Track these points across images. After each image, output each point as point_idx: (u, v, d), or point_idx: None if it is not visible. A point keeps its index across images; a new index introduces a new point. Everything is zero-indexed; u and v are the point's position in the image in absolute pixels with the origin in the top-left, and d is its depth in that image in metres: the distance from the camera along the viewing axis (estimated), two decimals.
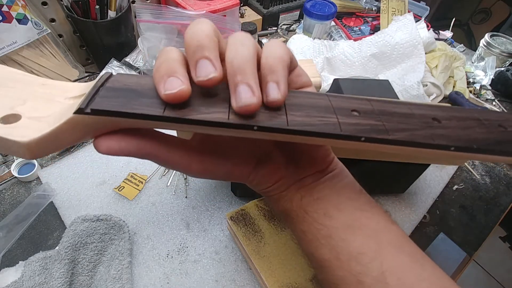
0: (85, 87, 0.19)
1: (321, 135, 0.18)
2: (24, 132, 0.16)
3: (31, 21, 0.58)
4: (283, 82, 0.18)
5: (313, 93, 0.21)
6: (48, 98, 0.18)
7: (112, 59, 0.69)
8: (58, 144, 0.17)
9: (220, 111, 0.17)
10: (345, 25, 0.87)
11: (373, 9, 0.91)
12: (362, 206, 0.24)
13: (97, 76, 0.68)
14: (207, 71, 0.17)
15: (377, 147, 0.19)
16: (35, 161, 0.54)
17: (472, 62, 0.87)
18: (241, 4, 0.88)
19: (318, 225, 0.23)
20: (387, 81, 0.52)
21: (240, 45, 0.18)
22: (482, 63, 0.83)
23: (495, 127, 0.20)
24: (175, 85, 0.16)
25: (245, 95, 0.16)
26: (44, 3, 0.63)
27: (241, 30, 0.74)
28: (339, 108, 0.19)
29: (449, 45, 0.82)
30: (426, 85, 0.70)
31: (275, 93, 0.17)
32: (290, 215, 0.25)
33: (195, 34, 0.17)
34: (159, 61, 0.18)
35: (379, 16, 0.83)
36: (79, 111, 0.16)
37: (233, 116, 0.17)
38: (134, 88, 0.18)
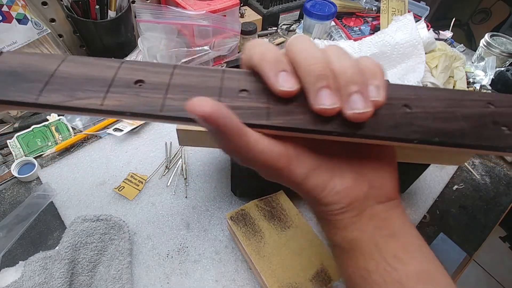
0: None
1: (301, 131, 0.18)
2: None
3: (31, 21, 0.58)
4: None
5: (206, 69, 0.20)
6: None
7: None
8: None
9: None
10: (345, 25, 0.87)
11: (373, 9, 0.91)
12: (427, 250, 0.22)
13: None
14: (331, 101, 0.18)
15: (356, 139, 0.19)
16: (35, 161, 0.54)
17: (472, 62, 0.87)
18: (241, 4, 0.88)
19: (388, 266, 0.20)
20: (387, 81, 0.52)
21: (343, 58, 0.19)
22: (482, 63, 0.83)
23: (398, 108, 0.20)
24: (290, 83, 0.18)
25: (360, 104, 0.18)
26: (44, 3, 0.63)
27: (241, 30, 0.74)
28: (227, 88, 0.19)
29: (449, 45, 0.82)
30: (426, 85, 0.69)
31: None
32: (357, 249, 0.21)
33: (314, 60, 0.18)
34: (262, 48, 0.19)
35: (379, 16, 0.83)
36: None
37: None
38: (17, 70, 0.17)
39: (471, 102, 0.21)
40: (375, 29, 0.84)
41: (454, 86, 0.76)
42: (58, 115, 0.62)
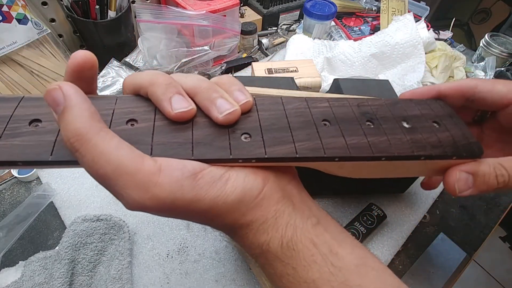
0: None
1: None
2: None
3: (31, 21, 0.58)
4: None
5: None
6: None
7: (112, 59, 0.69)
8: None
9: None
10: (345, 25, 0.87)
11: (373, 9, 0.91)
12: (347, 234, 0.20)
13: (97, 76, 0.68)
14: (186, 104, 0.19)
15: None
16: None
17: (472, 62, 0.87)
18: (241, 4, 0.88)
19: (331, 267, 0.18)
20: (387, 81, 0.52)
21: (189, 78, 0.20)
22: (482, 63, 0.83)
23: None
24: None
25: (225, 106, 0.19)
26: (44, 3, 0.63)
27: (241, 30, 0.74)
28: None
29: (449, 45, 0.82)
30: (426, 85, 0.69)
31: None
32: (296, 253, 0.18)
33: (161, 76, 0.19)
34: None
35: (379, 16, 0.83)
36: None
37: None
38: None
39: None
40: (375, 29, 0.84)
41: None
42: None
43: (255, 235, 0.19)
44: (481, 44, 0.86)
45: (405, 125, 0.22)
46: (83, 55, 0.18)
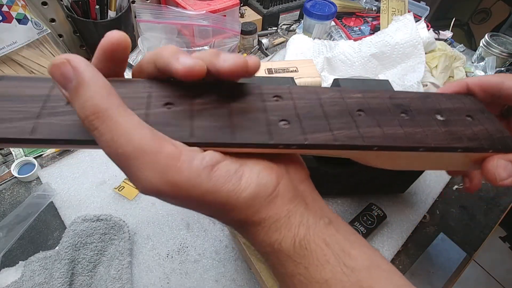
0: None
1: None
2: None
3: (31, 21, 0.58)
4: None
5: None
6: None
7: None
8: None
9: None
10: (345, 25, 0.87)
11: (373, 9, 0.91)
12: (358, 235, 0.20)
13: None
14: (192, 61, 0.18)
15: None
16: (35, 161, 0.54)
17: (472, 62, 0.87)
18: (241, 4, 0.88)
19: (344, 267, 0.18)
20: (387, 81, 0.52)
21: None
22: (482, 63, 0.83)
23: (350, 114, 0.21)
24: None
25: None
26: (44, 3, 0.63)
27: (241, 30, 0.74)
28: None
29: (449, 45, 0.82)
30: (426, 85, 0.69)
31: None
32: (308, 253, 0.18)
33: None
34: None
35: (379, 16, 0.83)
36: None
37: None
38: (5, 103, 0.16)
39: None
40: (375, 29, 0.84)
41: None
42: None
43: (267, 233, 0.18)
44: (481, 44, 0.86)
45: (439, 117, 0.22)
46: (118, 36, 0.17)
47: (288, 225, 0.18)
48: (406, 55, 0.70)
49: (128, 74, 0.19)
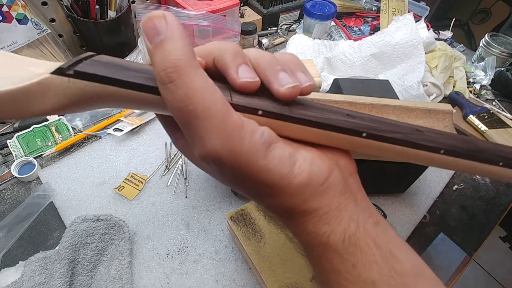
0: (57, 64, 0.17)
1: (323, 126, 0.18)
2: None
3: (31, 21, 0.58)
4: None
5: (308, 100, 0.22)
6: (11, 65, 0.16)
7: None
8: (26, 107, 0.14)
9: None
10: (345, 25, 0.87)
11: (373, 9, 0.92)
12: (401, 239, 0.19)
13: None
14: (251, 75, 0.18)
15: (375, 144, 0.19)
16: (35, 161, 0.54)
17: (472, 62, 0.87)
18: (241, 4, 0.88)
19: (391, 270, 0.17)
20: (387, 81, 0.52)
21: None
22: (482, 63, 0.83)
23: (467, 142, 0.21)
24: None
25: (287, 80, 0.18)
26: (44, 3, 0.63)
27: (241, 30, 0.74)
28: (334, 111, 0.20)
29: (449, 45, 0.82)
30: (426, 85, 0.70)
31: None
32: (356, 250, 0.17)
33: (228, 45, 0.18)
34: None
35: (379, 16, 0.83)
36: (58, 71, 0.14)
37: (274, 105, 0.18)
38: (122, 64, 0.16)
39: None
40: (375, 29, 0.84)
41: (454, 86, 0.77)
42: (58, 115, 0.62)
43: (316, 224, 0.18)
44: (481, 44, 0.86)
45: None
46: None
47: (339, 218, 0.18)
48: (406, 55, 0.70)
49: None
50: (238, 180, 0.17)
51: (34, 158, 0.55)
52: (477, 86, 0.80)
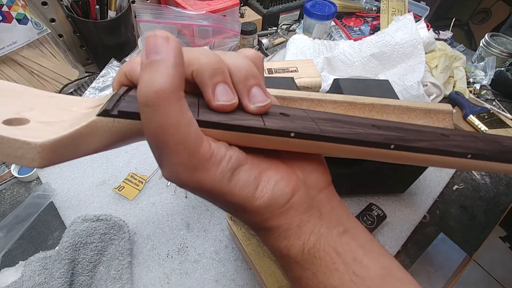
0: (101, 99, 0.18)
1: (353, 142, 0.18)
2: (36, 133, 0.13)
3: (31, 21, 0.58)
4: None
5: (330, 113, 0.22)
6: (58, 107, 0.17)
7: (112, 59, 0.69)
8: (75, 150, 0.15)
9: (251, 118, 0.18)
10: (345, 25, 0.87)
11: (373, 9, 0.91)
12: (377, 243, 0.20)
13: (97, 76, 0.68)
14: (229, 97, 0.18)
15: (403, 155, 0.20)
16: None
17: (472, 62, 0.87)
18: (241, 4, 0.88)
19: (353, 276, 0.18)
20: (387, 81, 0.52)
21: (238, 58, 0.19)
22: (482, 63, 0.83)
23: (491, 142, 0.22)
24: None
25: (260, 97, 0.19)
26: (44, 3, 0.63)
27: (241, 30, 0.74)
28: (359, 123, 0.20)
29: (449, 45, 0.82)
30: (426, 85, 0.69)
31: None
32: (317, 261, 0.18)
33: (208, 56, 0.18)
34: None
35: (379, 16, 0.83)
36: (104, 113, 0.15)
37: (269, 123, 0.17)
38: None
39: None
40: (375, 29, 0.84)
41: (454, 86, 0.77)
42: None
43: (276, 239, 0.19)
44: (481, 44, 0.86)
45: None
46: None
47: (298, 233, 0.19)
48: (406, 55, 0.70)
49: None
50: (209, 200, 0.19)
51: None
52: (477, 86, 0.80)
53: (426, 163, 0.21)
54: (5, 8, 0.54)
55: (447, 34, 0.92)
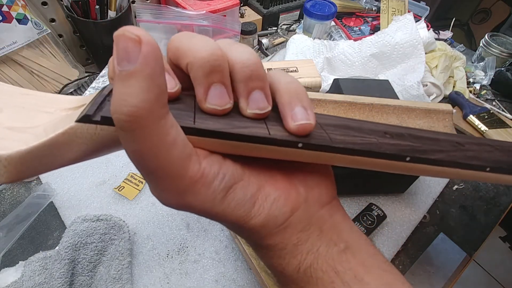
0: (83, 99, 0.16)
1: (366, 153, 0.17)
2: (2, 143, 0.12)
3: (31, 21, 0.58)
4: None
5: (340, 117, 0.20)
6: (32, 108, 0.15)
7: None
8: (49, 162, 0.13)
9: (255, 126, 0.16)
10: (345, 25, 0.87)
11: (373, 9, 0.91)
12: (381, 258, 0.19)
13: (97, 76, 0.68)
14: (220, 102, 0.16)
15: (419, 167, 0.18)
16: None
17: (472, 62, 0.87)
18: (241, 4, 0.88)
19: None
20: (387, 81, 0.52)
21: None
22: (482, 63, 0.83)
23: (508, 151, 0.20)
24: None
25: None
26: (44, 3, 0.63)
27: (241, 30, 0.74)
28: (371, 130, 0.19)
29: (449, 45, 0.82)
30: (426, 85, 0.70)
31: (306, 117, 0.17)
32: (314, 280, 0.18)
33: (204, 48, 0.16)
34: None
35: (379, 16, 0.83)
36: (85, 118, 0.13)
37: (274, 132, 0.16)
38: None
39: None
40: (375, 29, 0.84)
41: (454, 86, 0.77)
42: None
43: (272, 257, 0.18)
44: (481, 44, 0.86)
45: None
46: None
47: (294, 253, 0.18)
48: (406, 55, 0.70)
49: None
50: (201, 216, 0.18)
51: None
52: (477, 86, 0.80)
53: (442, 175, 0.19)
54: (5, 8, 0.54)
55: (447, 34, 0.92)
